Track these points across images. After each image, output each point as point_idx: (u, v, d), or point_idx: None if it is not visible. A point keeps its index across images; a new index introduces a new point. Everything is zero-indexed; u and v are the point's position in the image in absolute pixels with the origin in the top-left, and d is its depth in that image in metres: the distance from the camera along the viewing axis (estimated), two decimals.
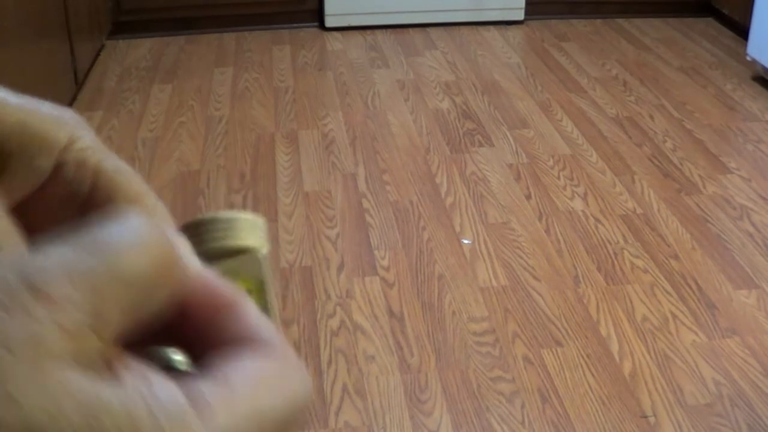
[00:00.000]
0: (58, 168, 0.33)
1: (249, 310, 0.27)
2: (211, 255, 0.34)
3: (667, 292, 1.89)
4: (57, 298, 0.21)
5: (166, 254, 0.24)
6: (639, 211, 2.20)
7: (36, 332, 0.20)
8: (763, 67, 2.96)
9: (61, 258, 0.22)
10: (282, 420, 0.25)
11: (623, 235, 2.09)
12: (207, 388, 0.23)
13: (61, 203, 0.34)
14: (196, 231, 0.34)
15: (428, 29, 3.48)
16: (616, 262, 1.99)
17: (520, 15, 3.54)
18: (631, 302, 1.86)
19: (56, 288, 0.21)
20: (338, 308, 1.83)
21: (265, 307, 0.34)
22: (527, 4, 3.54)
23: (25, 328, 0.20)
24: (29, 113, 0.32)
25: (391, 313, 1.82)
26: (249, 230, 0.34)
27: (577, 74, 3.05)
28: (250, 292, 0.34)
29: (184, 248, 0.27)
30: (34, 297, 0.21)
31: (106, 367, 0.21)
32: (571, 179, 2.35)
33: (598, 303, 1.85)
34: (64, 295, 0.21)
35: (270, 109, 2.76)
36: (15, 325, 0.20)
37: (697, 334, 1.76)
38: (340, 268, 1.97)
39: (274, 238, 2.07)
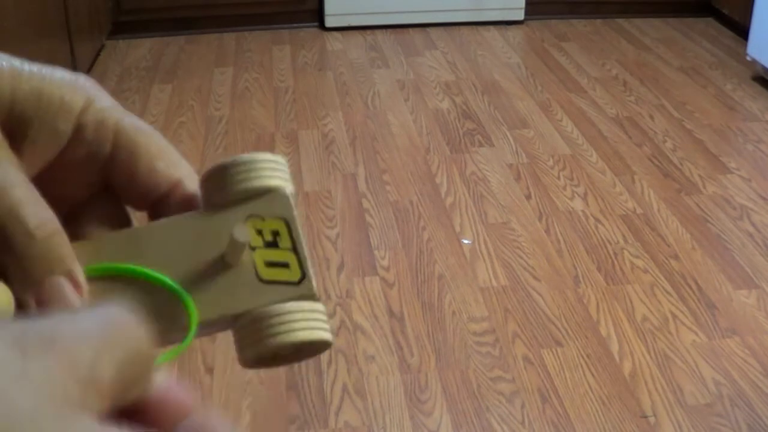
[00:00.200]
0: (78, 130, 0.33)
1: (209, 420, 0.26)
2: (237, 197, 0.34)
3: (667, 292, 1.89)
4: (69, 351, 0.22)
5: (145, 351, 0.24)
6: (639, 211, 2.20)
7: (53, 376, 0.21)
8: (763, 67, 2.96)
9: (71, 321, 0.23)
10: None
11: (623, 235, 2.09)
12: None
13: (84, 165, 0.34)
14: (221, 176, 0.34)
15: (428, 29, 3.48)
16: (616, 262, 1.99)
17: (520, 15, 3.54)
18: (631, 302, 1.86)
19: (68, 342, 0.22)
20: (338, 308, 1.83)
21: (293, 247, 0.33)
22: (527, 4, 3.54)
23: (43, 370, 0.21)
24: (44, 79, 0.33)
25: (391, 313, 1.82)
26: (272, 170, 0.34)
27: (577, 74, 3.05)
28: (277, 233, 0.34)
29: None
30: (50, 347, 0.21)
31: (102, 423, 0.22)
32: (571, 179, 2.35)
33: (598, 303, 1.85)
34: (75, 349, 0.22)
35: (270, 109, 2.76)
36: (34, 366, 0.21)
37: (697, 334, 1.76)
38: (340, 268, 1.97)
39: None
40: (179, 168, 0.35)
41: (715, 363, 1.68)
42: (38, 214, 0.30)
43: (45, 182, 0.33)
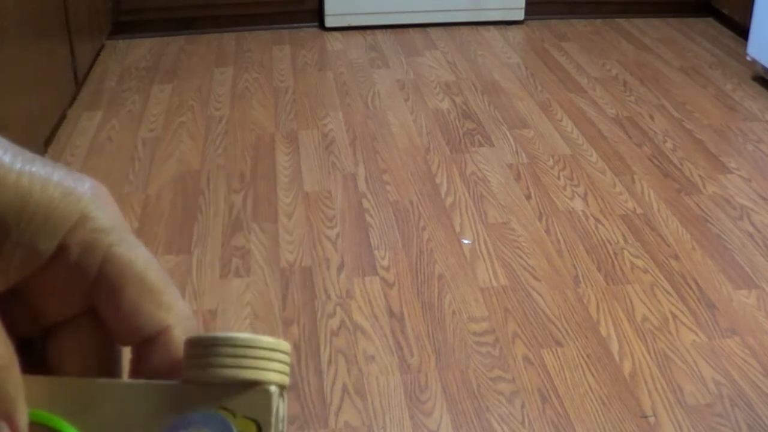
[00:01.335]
0: (62, 250, 0.29)
1: None
2: (218, 382, 0.30)
3: (667, 292, 1.89)
4: None
5: None
6: (639, 211, 2.20)
7: None
8: (763, 67, 2.96)
9: None
10: None
11: (623, 235, 2.09)
12: None
13: (66, 286, 0.30)
14: (206, 350, 0.30)
15: (428, 29, 3.48)
16: (616, 262, 1.99)
17: (520, 15, 3.54)
18: (631, 302, 1.86)
19: None
20: (338, 308, 1.83)
21: None
22: (527, 4, 3.54)
23: None
24: (34, 184, 0.28)
25: (391, 313, 1.82)
26: (266, 359, 0.30)
27: (577, 74, 3.05)
28: None
29: None
30: None
31: None
32: (571, 179, 2.35)
33: (598, 303, 1.85)
34: None
35: (270, 109, 2.76)
36: None
37: (697, 334, 1.76)
38: (340, 268, 1.97)
39: (273, 239, 2.07)
40: (171, 312, 0.31)
41: (715, 363, 1.68)
42: None
43: (22, 294, 0.30)
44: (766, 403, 1.59)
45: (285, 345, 0.30)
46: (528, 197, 2.26)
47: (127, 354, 0.33)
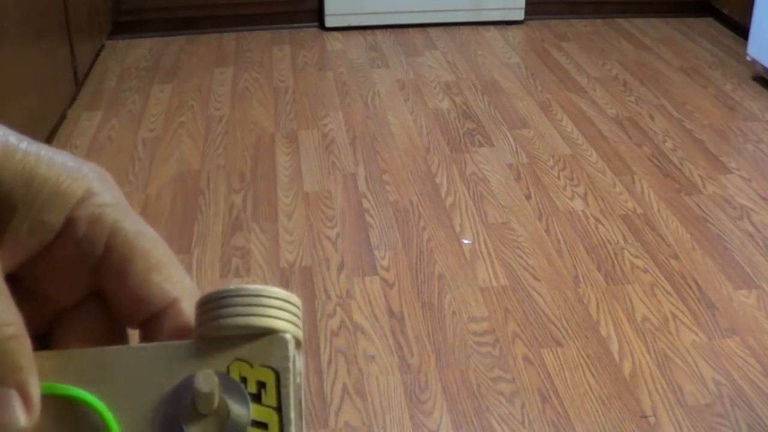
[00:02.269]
0: (69, 224, 0.29)
1: None
2: (230, 333, 0.29)
3: (667, 292, 1.89)
4: None
5: None
6: (639, 211, 2.20)
7: None
8: (763, 67, 2.96)
9: None
10: None
11: (623, 235, 2.09)
12: None
13: (73, 264, 0.30)
14: (218, 304, 0.29)
15: (428, 29, 3.48)
16: (616, 262, 1.99)
17: (520, 15, 3.54)
18: (631, 302, 1.86)
19: None
20: (338, 308, 1.83)
21: (278, 404, 0.29)
22: (527, 4, 3.54)
23: None
24: (40, 162, 0.29)
25: (391, 313, 1.82)
26: (278, 308, 0.29)
27: (577, 74, 3.05)
28: (263, 384, 0.29)
29: None
30: None
31: None
32: (571, 179, 2.35)
33: (598, 303, 1.85)
34: None
35: (270, 109, 2.76)
36: None
37: (697, 334, 1.76)
38: (340, 268, 1.97)
39: (273, 238, 2.07)
40: (178, 285, 0.31)
41: (715, 363, 1.68)
42: None
43: (29, 278, 0.30)
44: (766, 403, 1.59)
45: (296, 298, 0.30)
46: (528, 197, 2.26)
47: (134, 339, 0.33)
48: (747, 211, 2.20)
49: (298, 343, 0.30)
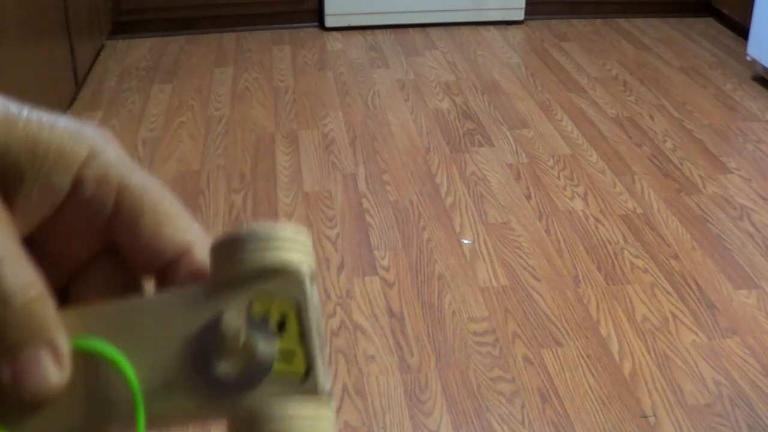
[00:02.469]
0: (77, 185, 0.30)
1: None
2: (247, 273, 0.30)
3: (667, 292, 1.89)
4: None
5: None
6: (639, 211, 2.20)
7: None
8: (763, 67, 2.96)
9: None
10: None
11: (623, 235, 2.09)
12: None
13: (84, 223, 0.31)
14: (232, 246, 0.30)
15: (428, 29, 3.48)
16: (616, 262, 1.99)
17: (520, 15, 3.54)
18: (631, 302, 1.86)
19: None
20: (338, 308, 1.83)
21: (302, 334, 0.30)
22: (527, 4, 3.54)
23: None
24: (42, 127, 0.29)
25: (391, 313, 1.82)
26: (290, 245, 0.30)
27: (577, 74, 3.05)
28: (287, 316, 0.30)
29: None
30: None
31: None
32: (571, 179, 2.35)
33: (598, 303, 1.85)
34: None
35: (270, 109, 2.76)
36: None
37: (697, 334, 1.76)
38: (340, 268, 1.97)
39: None
40: (188, 234, 0.32)
41: (715, 363, 1.68)
42: (19, 276, 0.28)
43: (42, 240, 0.31)
44: (766, 403, 1.59)
45: (305, 234, 0.31)
46: (528, 197, 2.26)
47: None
48: (747, 211, 2.20)
49: (311, 276, 0.31)
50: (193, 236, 0.32)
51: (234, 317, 0.29)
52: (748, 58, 3.02)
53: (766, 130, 2.65)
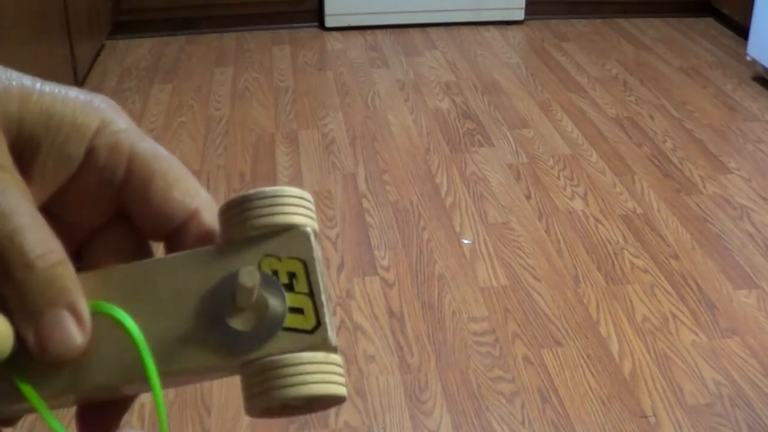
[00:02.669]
0: (90, 154, 0.32)
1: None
2: (255, 233, 0.32)
3: (667, 292, 1.89)
4: None
5: None
6: (639, 211, 2.20)
7: None
8: (763, 67, 2.96)
9: None
10: None
11: (623, 235, 2.09)
12: None
13: (97, 190, 0.32)
14: (240, 208, 0.32)
15: (428, 29, 3.48)
16: (616, 262, 1.99)
17: (520, 15, 3.54)
18: (631, 302, 1.86)
19: None
20: (338, 308, 1.83)
21: (310, 291, 0.31)
22: (527, 4, 3.54)
23: None
24: (55, 100, 0.31)
25: (391, 313, 1.82)
26: (295, 206, 0.32)
27: (577, 74, 3.05)
28: (295, 274, 0.32)
29: None
30: None
31: None
32: (571, 179, 2.35)
33: (598, 303, 1.85)
34: None
35: (270, 109, 2.76)
36: None
37: (697, 334, 1.76)
38: (340, 268, 1.97)
39: None
40: (197, 198, 0.33)
41: (715, 363, 1.68)
42: (40, 242, 0.29)
43: (56, 208, 0.32)
44: (766, 403, 1.59)
45: (309, 195, 0.33)
46: (528, 197, 2.26)
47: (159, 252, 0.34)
48: (747, 211, 2.20)
49: (316, 235, 0.32)
50: (202, 200, 0.33)
51: (248, 273, 0.30)
52: (748, 58, 3.02)
53: (766, 130, 2.65)
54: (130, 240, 0.34)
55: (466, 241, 2.06)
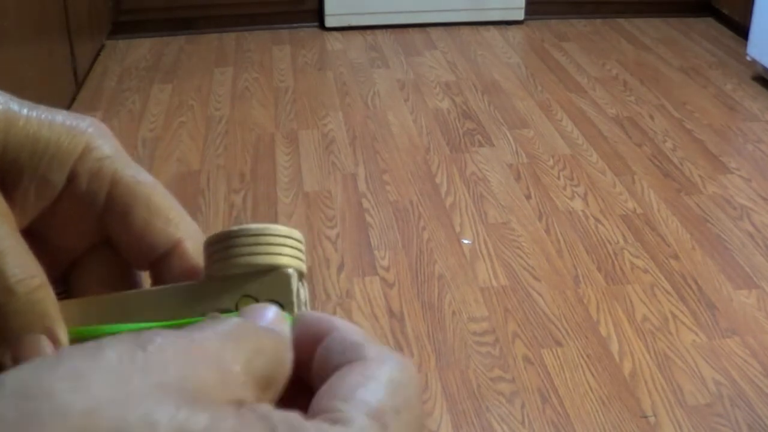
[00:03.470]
0: (72, 179, 0.31)
1: (345, 332, 0.27)
2: (237, 271, 0.31)
3: (667, 292, 1.89)
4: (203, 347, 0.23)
5: (276, 347, 0.25)
6: (639, 211, 2.20)
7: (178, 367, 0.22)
8: (763, 67, 2.96)
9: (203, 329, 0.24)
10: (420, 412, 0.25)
11: (623, 235, 2.09)
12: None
13: (79, 215, 0.32)
14: (224, 244, 0.31)
15: (428, 29, 3.48)
16: (616, 262, 1.99)
17: (520, 15, 3.54)
18: (631, 302, 1.86)
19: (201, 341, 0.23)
20: (338, 308, 1.83)
21: None
22: (527, 4, 3.54)
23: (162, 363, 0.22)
24: (41, 125, 0.31)
25: (391, 313, 1.82)
26: (281, 245, 0.31)
27: (577, 74, 3.05)
28: None
29: (279, 317, 0.27)
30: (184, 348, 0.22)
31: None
32: (571, 179, 2.35)
33: (598, 303, 1.85)
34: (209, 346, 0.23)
35: (270, 109, 2.76)
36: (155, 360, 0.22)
37: (697, 334, 1.76)
38: (340, 268, 1.97)
39: None
40: (180, 228, 0.33)
41: (715, 363, 1.68)
42: (22, 267, 0.29)
43: (39, 232, 0.32)
44: (766, 403, 1.59)
45: (298, 233, 0.32)
46: (528, 197, 2.26)
47: (147, 283, 0.34)
48: (747, 211, 2.20)
49: (302, 275, 0.32)
50: (184, 229, 0.33)
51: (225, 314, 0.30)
52: (748, 58, 3.02)
53: (766, 130, 2.65)
54: (115, 266, 0.34)
55: (466, 241, 2.06)
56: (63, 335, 0.30)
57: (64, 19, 2.64)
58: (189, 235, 0.33)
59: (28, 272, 0.29)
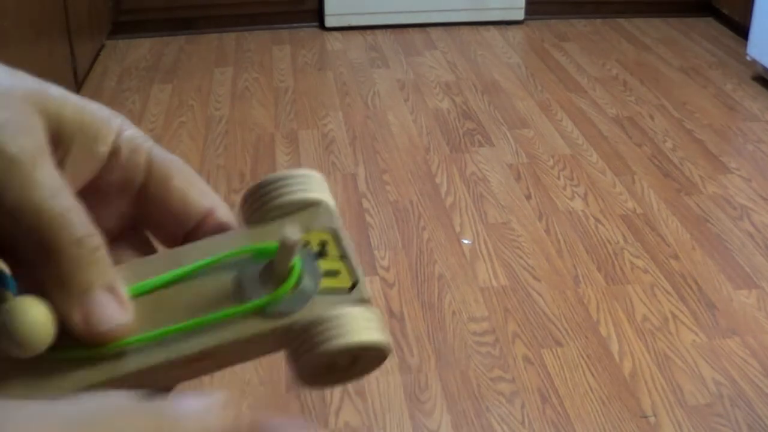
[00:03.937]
0: (114, 153, 0.34)
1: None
2: (278, 213, 0.34)
3: (667, 292, 1.89)
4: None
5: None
6: (639, 211, 2.20)
7: None
8: (763, 67, 2.96)
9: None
10: None
11: (623, 235, 2.09)
12: None
13: (118, 190, 0.34)
14: (260, 192, 0.34)
15: (428, 29, 3.48)
16: (616, 262, 1.99)
17: (520, 15, 3.54)
18: (631, 302, 1.86)
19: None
20: None
21: (343, 254, 0.33)
22: (527, 4, 3.54)
23: None
24: (84, 107, 0.33)
25: (391, 313, 1.82)
26: (312, 184, 0.34)
27: (577, 74, 3.05)
28: (326, 242, 0.33)
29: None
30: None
31: None
32: (571, 179, 2.35)
33: (598, 303, 1.85)
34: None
35: (270, 109, 2.76)
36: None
37: (697, 334, 1.76)
38: None
39: None
40: (210, 197, 0.35)
41: (715, 363, 1.68)
42: (86, 224, 0.30)
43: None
44: (766, 403, 1.59)
45: (318, 173, 0.35)
46: (528, 197, 2.26)
47: None
48: (747, 211, 2.20)
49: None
50: (214, 200, 0.35)
51: (291, 229, 0.31)
52: (748, 58, 3.02)
53: (766, 130, 2.65)
54: (145, 250, 0.36)
55: (466, 241, 2.06)
56: (125, 291, 0.31)
57: (64, 19, 2.64)
58: (218, 204, 0.35)
59: (92, 229, 0.30)
